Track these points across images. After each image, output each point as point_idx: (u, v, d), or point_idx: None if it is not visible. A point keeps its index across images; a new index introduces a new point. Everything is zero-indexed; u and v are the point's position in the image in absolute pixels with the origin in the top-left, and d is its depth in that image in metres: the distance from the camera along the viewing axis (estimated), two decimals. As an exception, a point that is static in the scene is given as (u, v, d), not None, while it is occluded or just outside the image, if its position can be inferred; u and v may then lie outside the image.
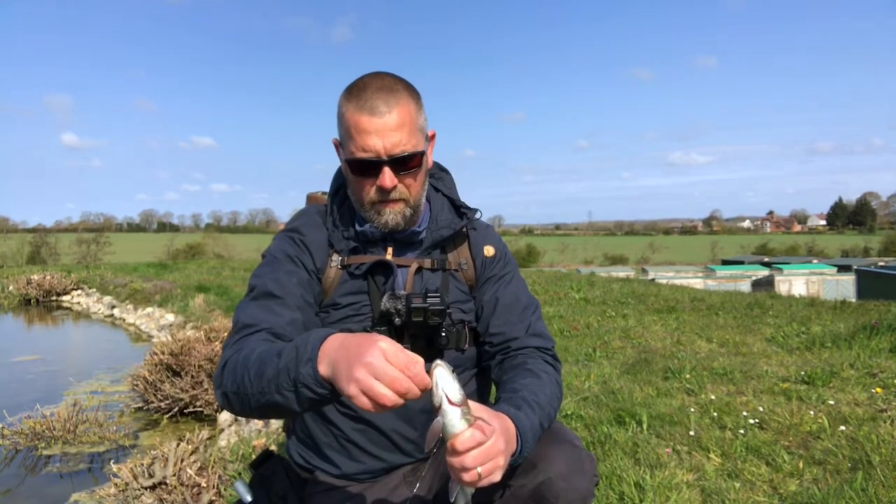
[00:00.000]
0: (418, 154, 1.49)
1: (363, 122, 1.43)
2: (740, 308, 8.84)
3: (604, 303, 10.09)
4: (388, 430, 1.55)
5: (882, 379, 4.37)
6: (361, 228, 1.58)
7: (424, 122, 1.54)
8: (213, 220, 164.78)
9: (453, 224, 1.64)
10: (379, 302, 1.52)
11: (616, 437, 3.55)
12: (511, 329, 1.59)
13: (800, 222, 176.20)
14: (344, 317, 1.55)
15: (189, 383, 6.28)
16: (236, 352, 1.37)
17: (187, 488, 3.58)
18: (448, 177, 1.77)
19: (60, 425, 5.45)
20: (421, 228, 1.61)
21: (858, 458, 3.04)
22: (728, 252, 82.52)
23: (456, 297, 1.60)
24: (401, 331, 1.52)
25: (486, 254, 1.66)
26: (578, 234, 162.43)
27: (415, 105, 1.50)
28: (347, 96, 1.48)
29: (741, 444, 3.34)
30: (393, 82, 1.48)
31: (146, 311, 13.84)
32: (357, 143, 1.45)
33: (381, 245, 1.60)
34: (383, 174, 1.45)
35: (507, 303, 1.61)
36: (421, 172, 1.53)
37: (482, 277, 1.65)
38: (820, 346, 5.91)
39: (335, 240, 1.59)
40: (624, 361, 5.76)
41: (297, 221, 1.66)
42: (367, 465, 1.58)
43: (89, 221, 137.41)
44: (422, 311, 1.46)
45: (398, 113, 1.44)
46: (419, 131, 1.50)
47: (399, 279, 1.56)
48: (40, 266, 29.18)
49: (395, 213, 1.51)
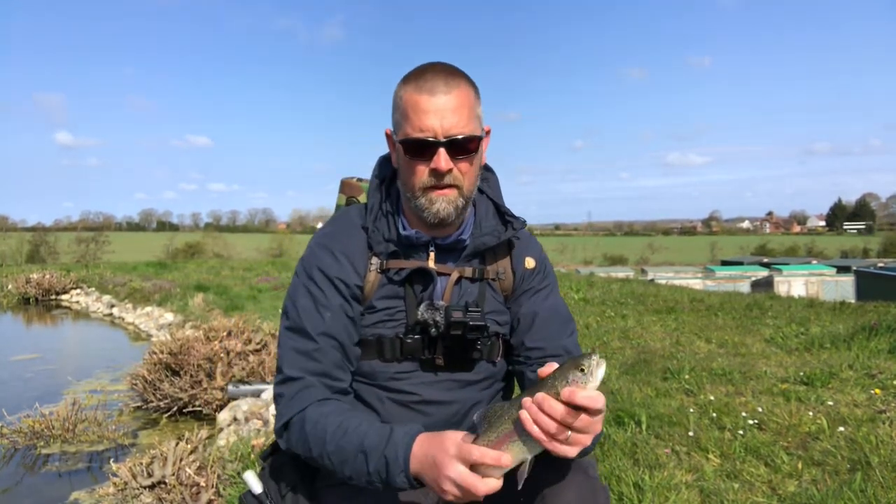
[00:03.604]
0: (476, 138, 1.44)
1: (422, 101, 1.39)
2: (739, 309, 8.85)
3: (603, 303, 10.10)
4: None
5: (881, 380, 4.37)
6: (405, 233, 1.53)
7: (481, 113, 1.50)
8: (213, 220, 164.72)
9: (497, 232, 1.57)
10: (415, 309, 1.48)
11: (615, 437, 3.56)
12: (551, 344, 1.53)
13: (799, 223, 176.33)
14: (378, 321, 1.51)
15: (188, 383, 6.27)
16: (299, 412, 1.40)
17: (186, 488, 3.58)
18: (494, 178, 1.69)
19: (59, 424, 5.45)
20: (465, 236, 1.55)
21: (857, 459, 3.04)
22: (727, 253, 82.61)
23: (492, 308, 1.56)
24: (435, 341, 1.48)
25: (527, 265, 1.60)
26: (578, 234, 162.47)
27: (474, 92, 1.47)
28: (406, 81, 1.44)
29: (740, 445, 3.34)
30: (453, 68, 1.46)
31: (145, 311, 13.83)
32: (413, 123, 1.40)
33: (423, 250, 1.54)
34: (438, 155, 1.40)
35: (546, 316, 1.56)
36: (477, 159, 1.48)
37: (520, 289, 1.59)
38: (819, 347, 5.91)
39: (375, 242, 1.52)
40: (623, 362, 5.76)
41: (334, 227, 1.58)
42: None
43: (89, 220, 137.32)
44: (461, 326, 1.43)
45: (457, 95, 1.41)
46: (477, 118, 1.46)
47: (438, 288, 1.51)
48: (39, 265, 29.16)
49: (447, 202, 1.44)
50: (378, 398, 1.51)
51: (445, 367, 1.50)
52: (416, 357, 1.49)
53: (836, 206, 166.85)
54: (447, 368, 1.50)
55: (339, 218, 1.61)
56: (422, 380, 1.50)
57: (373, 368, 1.50)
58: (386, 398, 1.50)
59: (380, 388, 1.51)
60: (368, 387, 1.51)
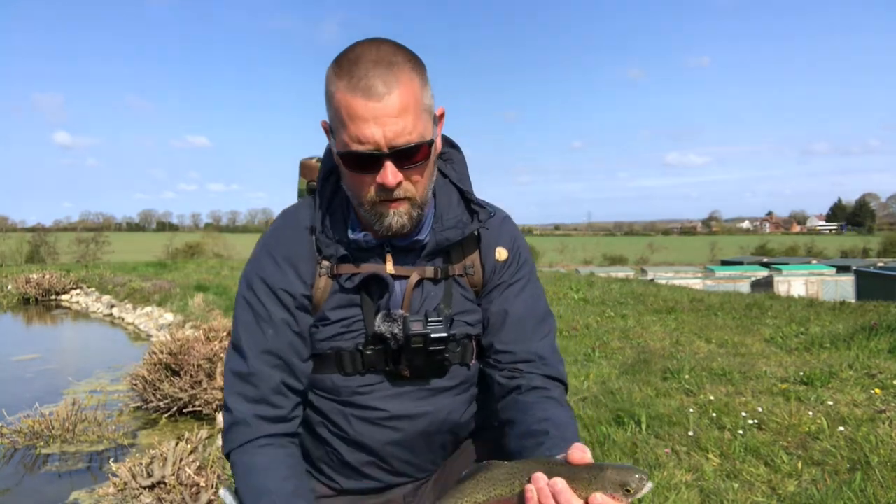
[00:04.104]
0: (426, 144, 1.23)
1: (358, 106, 1.17)
2: (739, 308, 8.85)
3: (603, 303, 10.11)
4: (385, 453, 1.42)
5: (881, 380, 4.37)
6: (354, 237, 1.34)
7: (431, 100, 1.27)
8: (213, 220, 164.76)
9: (461, 225, 1.38)
10: (373, 319, 1.33)
11: (615, 437, 3.56)
12: (521, 347, 1.38)
13: (799, 223, 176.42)
14: (334, 334, 1.35)
15: (188, 383, 6.28)
16: (234, 449, 1.33)
17: (186, 488, 3.58)
18: (459, 156, 1.48)
19: (59, 424, 5.45)
20: (423, 236, 1.37)
21: (857, 459, 3.04)
22: (727, 252, 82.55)
23: (461, 308, 1.39)
24: (398, 353, 1.33)
25: (498, 257, 1.42)
26: (578, 234, 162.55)
27: (419, 80, 1.23)
28: (337, 70, 1.22)
29: (740, 445, 3.34)
30: (391, 52, 1.21)
31: (145, 311, 13.83)
32: (351, 133, 1.19)
33: (377, 252, 1.36)
34: (385, 169, 1.21)
35: (518, 316, 1.40)
36: (429, 164, 1.29)
37: (490, 283, 1.42)
38: (819, 347, 5.91)
39: (324, 245, 1.35)
40: (623, 362, 5.76)
41: (279, 228, 1.42)
42: (363, 484, 1.46)
43: (88, 220, 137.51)
44: (421, 338, 1.29)
45: (400, 94, 1.18)
46: (426, 113, 1.24)
47: (397, 294, 1.35)
48: (39, 265, 29.18)
49: (399, 215, 1.27)
50: (343, 415, 1.38)
51: (413, 377, 1.36)
52: (379, 369, 1.35)
53: (836, 206, 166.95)
54: (415, 378, 1.36)
55: (286, 217, 1.44)
56: (388, 393, 1.36)
57: (334, 383, 1.37)
58: (351, 415, 1.37)
59: (343, 404, 1.37)
60: (332, 403, 1.38)
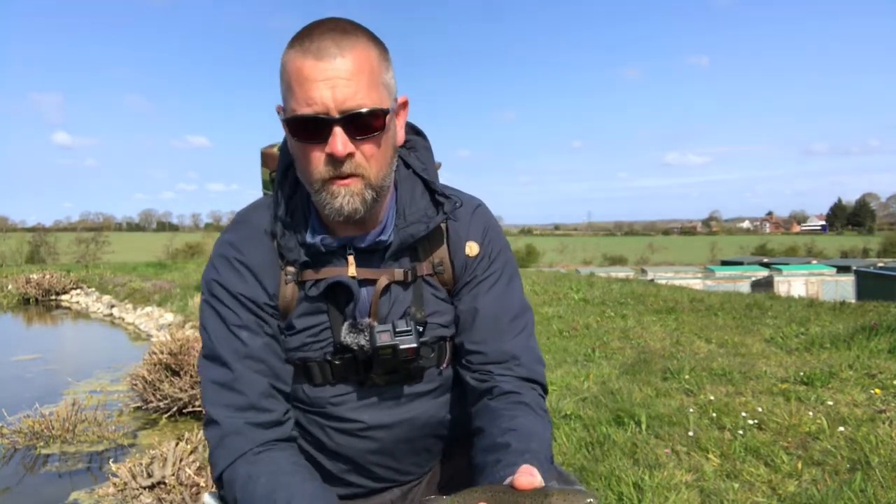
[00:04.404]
0: (381, 112, 1.14)
1: (306, 67, 1.10)
2: (739, 309, 8.85)
3: (603, 303, 10.11)
4: (365, 462, 1.36)
5: (881, 380, 4.37)
6: (311, 241, 1.25)
7: (392, 81, 1.21)
8: (213, 220, 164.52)
9: (426, 218, 1.29)
10: (340, 328, 1.26)
11: (615, 437, 3.56)
12: (491, 347, 1.30)
13: (799, 223, 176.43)
14: (301, 344, 1.28)
15: (188, 383, 6.28)
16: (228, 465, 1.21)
17: (186, 488, 3.58)
18: (423, 143, 1.38)
19: (59, 424, 5.45)
20: (387, 236, 1.28)
21: (857, 459, 3.04)
22: (727, 252, 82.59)
23: (434, 309, 1.31)
24: (367, 363, 1.27)
25: (469, 252, 1.32)
26: (578, 234, 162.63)
27: (377, 53, 1.17)
28: (290, 43, 1.16)
29: (740, 445, 3.34)
30: (350, 25, 1.16)
31: (145, 311, 13.84)
32: (298, 96, 1.12)
33: (341, 255, 1.27)
34: (334, 136, 1.12)
35: (488, 313, 1.31)
36: (385, 140, 1.19)
37: (461, 280, 1.34)
38: (819, 347, 5.91)
39: (285, 250, 1.26)
40: (623, 362, 5.76)
41: (236, 231, 1.31)
42: (343, 490, 1.39)
43: (88, 221, 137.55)
44: (389, 349, 1.22)
45: (354, 57, 1.11)
46: (383, 87, 1.17)
47: (363, 300, 1.27)
48: (39, 265, 29.21)
49: (351, 195, 1.17)
50: (320, 427, 1.32)
51: (386, 384, 1.30)
52: (349, 379, 1.29)
53: (836, 206, 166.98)
54: (389, 385, 1.30)
55: (243, 219, 1.33)
56: (361, 403, 1.30)
57: (306, 394, 1.31)
58: (328, 427, 1.31)
59: (319, 415, 1.32)
60: (307, 414, 1.33)
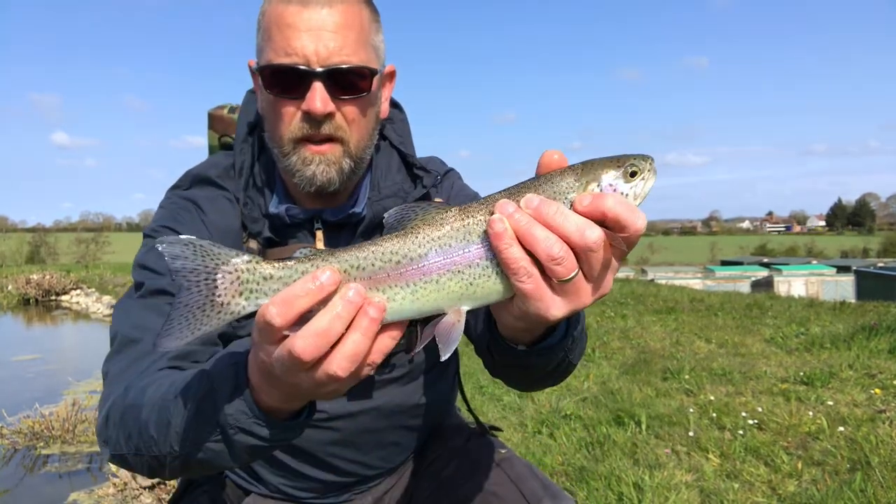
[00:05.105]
0: (368, 71, 1.03)
1: (289, 13, 0.98)
2: (739, 309, 8.85)
3: (603, 303, 10.09)
4: (323, 454, 1.28)
5: (881, 380, 4.37)
6: (275, 210, 1.13)
7: (381, 45, 1.11)
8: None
9: (402, 193, 1.20)
10: None
11: (615, 437, 3.56)
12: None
13: (799, 223, 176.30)
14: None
15: (188, 383, 6.27)
16: (122, 392, 0.97)
17: (186, 488, 3.58)
18: (400, 116, 1.28)
19: (59, 425, 5.44)
20: (360, 208, 1.17)
21: (857, 459, 3.04)
22: (727, 252, 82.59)
23: None
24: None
25: None
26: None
27: (368, 12, 1.07)
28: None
29: (740, 445, 3.34)
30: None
31: (145, 311, 13.84)
32: (277, 45, 0.99)
33: (306, 229, 1.16)
34: (313, 91, 0.99)
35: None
36: (370, 104, 1.08)
37: None
38: (819, 347, 5.91)
39: (249, 220, 1.12)
40: (623, 362, 5.76)
41: (201, 190, 1.15)
42: (305, 485, 1.32)
43: (88, 221, 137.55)
44: None
45: (343, 10, 1.01)
46: (371, 48, 1.06)
47: None
48: (39, 265, 29.21)
49: (326, 163, 1.05)
50: None
51: None
52: None
53: (836, 206, 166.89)
54: None
55: (202, 177, 1.18)
56: None
57: None
58: None
59: None
60: None
